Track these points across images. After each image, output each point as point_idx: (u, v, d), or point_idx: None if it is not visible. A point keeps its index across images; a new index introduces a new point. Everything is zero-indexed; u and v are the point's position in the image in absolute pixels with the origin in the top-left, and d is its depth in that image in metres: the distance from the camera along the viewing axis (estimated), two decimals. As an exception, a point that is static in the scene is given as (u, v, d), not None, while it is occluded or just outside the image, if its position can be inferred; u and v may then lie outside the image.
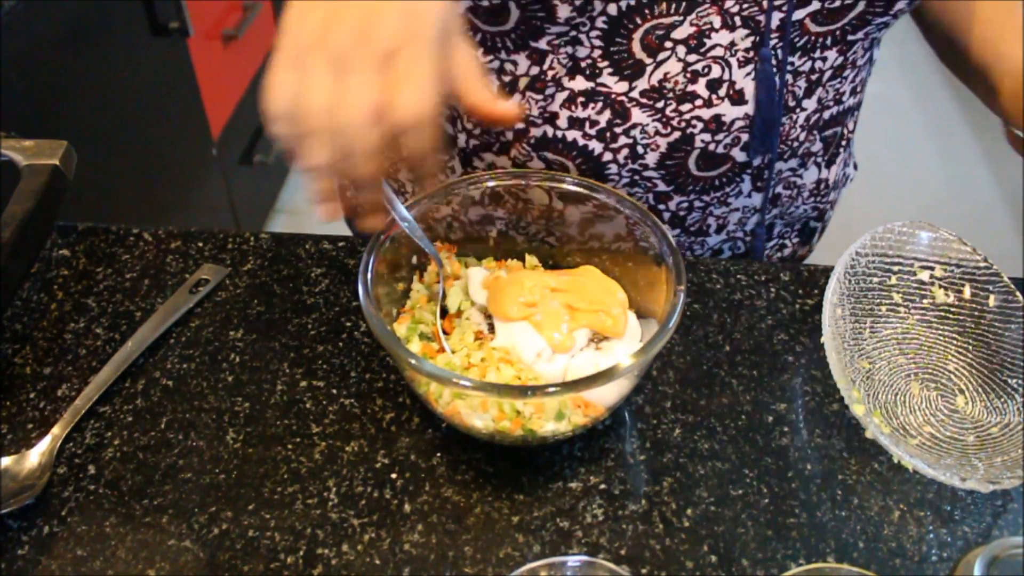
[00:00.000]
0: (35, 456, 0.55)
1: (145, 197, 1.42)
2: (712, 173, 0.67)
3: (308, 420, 0.59)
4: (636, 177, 0.68)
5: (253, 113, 1.82)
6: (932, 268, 0.65)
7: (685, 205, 0.71)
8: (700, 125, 0.63)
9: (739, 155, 0.66)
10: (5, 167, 0.64)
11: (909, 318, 0.65)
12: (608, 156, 0.65)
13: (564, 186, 0.61)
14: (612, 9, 0.58)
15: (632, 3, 0.57)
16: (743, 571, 0.52)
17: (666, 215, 0.72)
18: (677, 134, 0.64)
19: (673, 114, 0.63)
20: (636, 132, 0.63)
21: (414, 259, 0.62)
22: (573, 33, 0.60)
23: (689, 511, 0.54)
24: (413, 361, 0.50)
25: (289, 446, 0.57)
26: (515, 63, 0.64)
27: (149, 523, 0.53)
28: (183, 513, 0.54)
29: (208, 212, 1.65)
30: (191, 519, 0.53)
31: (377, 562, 0.51)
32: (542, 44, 0.61)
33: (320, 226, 2.03)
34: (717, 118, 0.63)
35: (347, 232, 0.95)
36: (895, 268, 0.65)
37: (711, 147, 0.65)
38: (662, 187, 0.68)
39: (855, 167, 0.85)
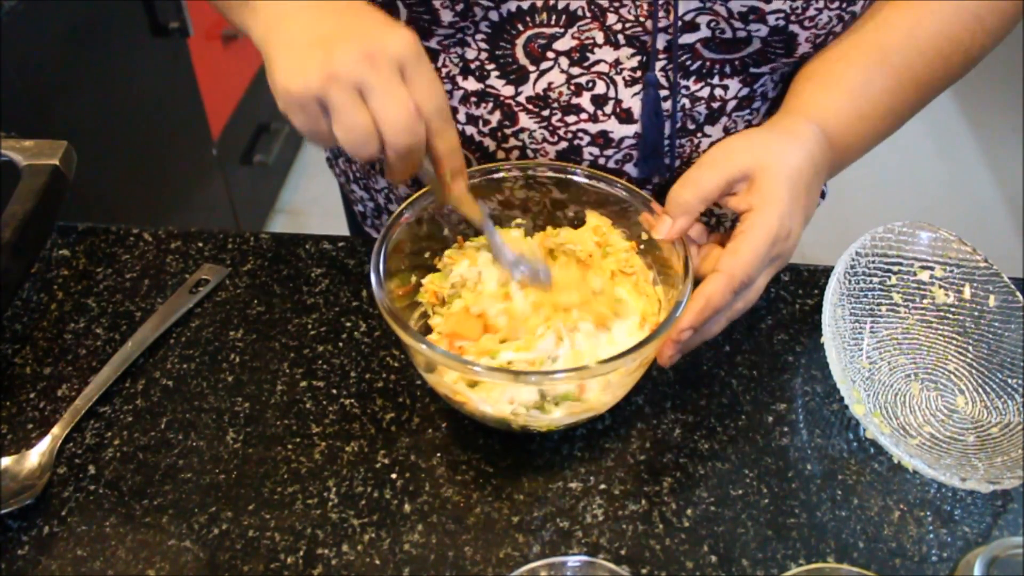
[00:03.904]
0: (35, 456, 0.55)
1: (145, 197, 1.42)
2: None
3: (308, 420, 0.59)
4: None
5: (253, 113, 1.82)
6: (932, 268, 0.65)
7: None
8: (587, 138, 0.64)
9: (633, 171, 0.66)
10: (5, 167, 0.64)
11: (909, 318, 0.65)
12: (501, 155, 0.66)
13: (574, 178, 0.61)
14: (494, 15, 0.59)
15: (513, 10, 0.58)
16: (743, 571, 0.52)
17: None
18: (564, 144, 0.64)
19: (559, 124, 0.63)
20: (525, 136, 0.64)
21: (426, 255, 0.62)
22: (460, 35, 0.61)
23: (689, 511, 0.54)
24: (424, 346, 0.50)
25: (289, 446, 0.57)
26: None
27: (149, 523, 0.53)
28: (183, 513, 0.54)
29: (208, 212, 1.64)
30: (191, 519, 0.53)
31: (377, 562, 0.51)
32: (433, 44, 0.62)
33: (320, 226, 2.03)
34: (604, 134, 0.63)
35: (347, 232, 0.95)
36: (895, 268, 0.65)
37: (600, 160, 0.65)
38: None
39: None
